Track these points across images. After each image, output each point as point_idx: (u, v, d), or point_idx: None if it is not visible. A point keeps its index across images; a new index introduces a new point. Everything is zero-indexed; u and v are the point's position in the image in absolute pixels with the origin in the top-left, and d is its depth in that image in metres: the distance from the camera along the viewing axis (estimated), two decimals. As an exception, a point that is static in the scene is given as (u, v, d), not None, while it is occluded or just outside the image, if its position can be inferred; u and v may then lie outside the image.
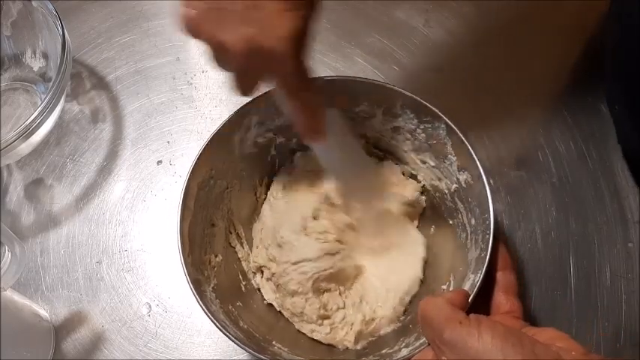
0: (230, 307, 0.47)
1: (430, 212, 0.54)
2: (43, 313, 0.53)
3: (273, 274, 0.51)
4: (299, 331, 0.50)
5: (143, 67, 0.66)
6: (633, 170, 0.58)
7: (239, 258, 0.53)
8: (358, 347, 0.49)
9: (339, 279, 0.50)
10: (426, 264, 0.52)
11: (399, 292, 0.50)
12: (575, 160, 0.59)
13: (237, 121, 0.50)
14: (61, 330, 0.53)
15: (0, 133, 0.60)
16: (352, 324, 0.49)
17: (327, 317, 0.50)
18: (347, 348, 0.49)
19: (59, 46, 0.55)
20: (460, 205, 0.49)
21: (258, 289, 0.52)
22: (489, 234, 0.44)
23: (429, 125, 0.49)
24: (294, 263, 0.49)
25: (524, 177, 0.59)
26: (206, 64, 0.66)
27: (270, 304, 0.51)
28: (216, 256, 0.49)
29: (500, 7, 0.69)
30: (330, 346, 0.49)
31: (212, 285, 0.47)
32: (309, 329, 0.50)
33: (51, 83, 0.54)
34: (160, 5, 0.70)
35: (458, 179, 0.49)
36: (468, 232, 0.48)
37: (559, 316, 0.52)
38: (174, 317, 0.53)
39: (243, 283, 0.52)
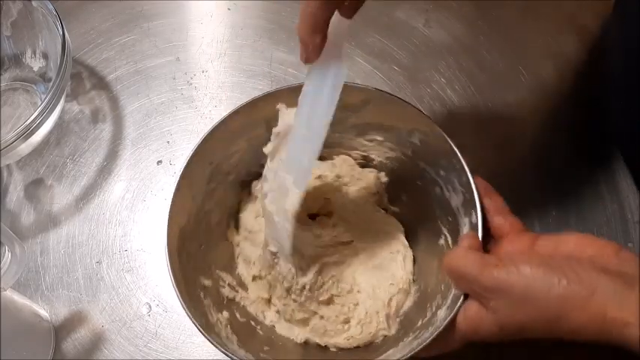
0: (261, 354, 0.46)
1: (395, 184, 0.53)
2: (43, 313, 0.53)
3: (277, 311, 0.50)
4: (335, 348, 0.49)
5: (143, 67, 0.66)
6: (633, 173, 0.58)
7: (243, 305, 0.51)
8: (393, 332, 0.49)
9: (337, 281, 0.50)
10: (413, 228, 0.52)
11: (398, 264, 0.51)
12: (576, 160, 0.59)
13: (189, 182, 0.48)
14: (61, 330, 0.53)
15: (0, 133, 0.60)
16: (377, 312, 0.49)
17: (348, 320, 0.49)
18: (384, 337, 0.49)
19: (59, 46, 0.55)
20: (423, 164, 0.49)
21: (274, 326, 0.51)
22: (466, 175, 0.44)
23: (361, 104, 0.49)
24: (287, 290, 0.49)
25: (525, 177, 0.59)
26: (206, 64, 0.66)
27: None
28: (222, 313, 0.48)
29: (501, 7, 0.69)
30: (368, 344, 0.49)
31: (235, 342, 0.46)
32: (344, 339, 0.49)
33: (51, 83, 0.54)
34: (160, 5, 0.70)
35: (411, 142, 0.48)
36: (441, 184, 0.47)
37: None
38: (175, 317, 0.53)
39: (258, 327, 0.50)
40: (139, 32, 0.68)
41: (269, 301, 0.51)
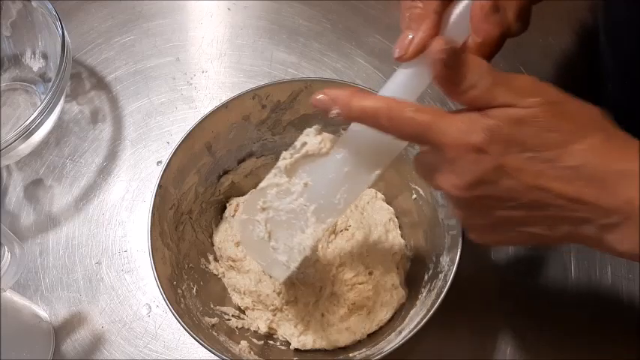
0: None
1: None
2: (43, 313, 0.53)
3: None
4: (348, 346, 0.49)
5: (143, 68, 0.66)
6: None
7: (255, 330, 0.50)
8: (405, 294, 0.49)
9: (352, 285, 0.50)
10: (387, 193, 0.54)
11: (392, 233, 0.52)
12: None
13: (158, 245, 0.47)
14: (61, 331, 0.53)
15: (0, 133, 0.60)
16: (392, 284, 0.49)
17: (370, 310, 0.49)
18: (402, 304, 0.49)
19: (59, 47, 0.55)
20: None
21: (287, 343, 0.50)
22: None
23: (291, 98, 0.50)
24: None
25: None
26: (206, 64, 0.66)
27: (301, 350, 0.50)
28: (240, 343, 0.48)
29: (501, 7, 0.68)
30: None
31: None
32: (375, 326, 0.49)
33: (50, 84, 0.54)
34: (160, 5, 0.70)
35: None
36: None
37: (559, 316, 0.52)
38: (174, 318, 0.53)
39: (277, 344, 0.50)
40: (139, 32, 0.68)
41: (275, 313, 0.51)
